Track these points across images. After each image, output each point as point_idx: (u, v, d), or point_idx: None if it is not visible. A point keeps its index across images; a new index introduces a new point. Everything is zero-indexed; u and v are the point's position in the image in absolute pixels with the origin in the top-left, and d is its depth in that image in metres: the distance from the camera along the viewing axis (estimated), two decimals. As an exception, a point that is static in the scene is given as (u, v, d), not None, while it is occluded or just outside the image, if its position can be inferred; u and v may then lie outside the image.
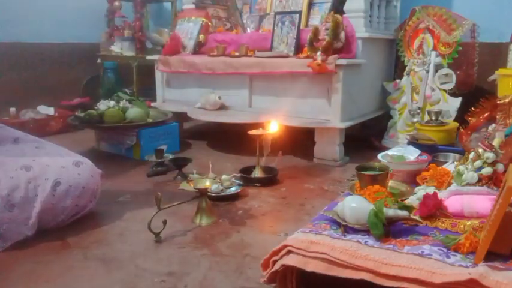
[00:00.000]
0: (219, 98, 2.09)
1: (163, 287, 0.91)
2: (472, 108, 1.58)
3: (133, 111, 1.96)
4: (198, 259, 1.03)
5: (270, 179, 1.60)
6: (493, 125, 1.42)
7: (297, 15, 1.99)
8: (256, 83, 2.04)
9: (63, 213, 1.17)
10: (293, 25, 1.99)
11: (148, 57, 2.46)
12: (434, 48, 2.01)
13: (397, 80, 2.16)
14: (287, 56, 1.92)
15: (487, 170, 1.00)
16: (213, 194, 1.39)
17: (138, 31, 2.80)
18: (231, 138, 2.23)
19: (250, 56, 2.01)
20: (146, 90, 2.71)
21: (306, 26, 2.10)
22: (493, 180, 1.00)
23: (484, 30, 2.03)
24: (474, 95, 1.88)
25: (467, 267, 0.72)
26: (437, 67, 1.99)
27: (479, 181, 1.01)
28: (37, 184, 1.11)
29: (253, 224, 1.24)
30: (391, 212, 0.85)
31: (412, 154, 1.30)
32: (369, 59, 1.96)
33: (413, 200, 1.00)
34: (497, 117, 1.44)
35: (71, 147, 1.43)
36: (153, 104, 2.35)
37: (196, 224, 1.23)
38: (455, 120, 1.85)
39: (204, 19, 2.30)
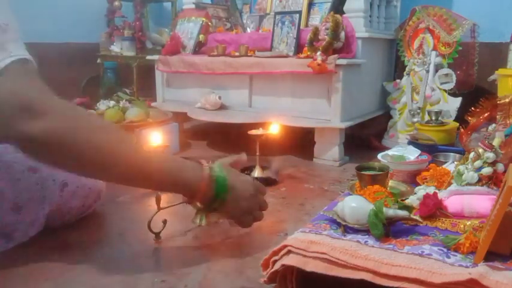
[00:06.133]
0: (219, 98, 2.09)
1: (163, 287, 0.91)
2: (472, 108, 1.58)
3: (133, 111, 1.96)
4: (198, 259, 1.02)
5: (270, 179, 1.60)
6: (493, 125, 1.42)
7: (297, 15, 1.99)
8: (256, 83, 2.04)
9: (69, 213, 1.17)
10: (293, 25, 1.99)
11: (148, 57, 2.46)
12: (434, 48, 2.01)
13: (397, 80, 2.16)
14: (287, 56, 1.92)
15: (487, 170, 1.00)
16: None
17: (138, 31, 2.81)
18: (231, 138, 2.22)
19: (250, 56, 2.01)
20: (146, 90, 2.71)
21: (306, 26, 2.10)
22: (493, 180, 1.00)
23: (484, 30, 2.02)
24: (474, 95, 1.88)
25: (467, 267, 0.72)
26: (437, 67, 1.99)
27: (479, 181, 1.01)
28: (45, 186, 1.10)
29: (253, 224, 1.24)
30: (391, 212, 0.85)
31: (412, 154, 1.30)
32: (369, 59, 1.96)
33: (413, 200, 1.00)
34: (497, 117, 1.44)
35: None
36: (153, 104, 2.35)
37: (196, 224, 1.23)
38: (455, 120, 1.85)
39: (204, 19, 2.30)
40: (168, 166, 0.93)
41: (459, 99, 1.94)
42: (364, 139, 2.14)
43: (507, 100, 1.42)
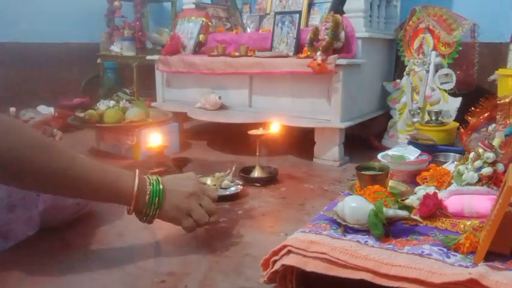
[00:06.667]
0: (219, 98, 2.09)
1: (163, 287, 0.91)
2: (472, 108, 1.58)
3: (133, 111, 1.96)
4: (198, 259, 1.03)
5: (270, 179, 1.60)
6: (493, 125, 1.42)
7: (297, 15, 1.99)
8: (256, 83, 2.04)
9: (64, 211, 1.17)
10: (293, 25, 1.99)
11: (148, 57, 2.46)
12: (434, 48, 2.01)
13: (397, 80, 2.16)
14: (287, 56, 1.92)
15: (487, 170, 1.00)
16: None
17: (138, 31, 2.81)
18: (231, 138, 2.23)
19: (250, 56, 2.01)
20: (146, 90, 2.71)
21: (306, 26, 2.10)
22: (493, 180, 1.00)
23: (484, 30, 2.03)
24: (474, 95, 1.88)
25: (467, 267, 0.72)
26: (437, 67, 1.99)
27: (479, 181, 1.01)
28: None
29: (253, 224, 1.24)
30: (391, 212, 0.85)
31: (412, 154, 1.30)
32: (369, 59, 1.96)
33: (413, 200, 1.00)
34: (497, 117, 1.44)
35: (71, 147, 1.42)
36: (153, 104, 2.35)
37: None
38: (455, 120, 1.85)
39: (204, 19, 2.30)
40: (103, 175, 0.95)
41: (459, 99, 1.94)
42: (364, 139, 2.14)
43: (507, 100, 1.42)
